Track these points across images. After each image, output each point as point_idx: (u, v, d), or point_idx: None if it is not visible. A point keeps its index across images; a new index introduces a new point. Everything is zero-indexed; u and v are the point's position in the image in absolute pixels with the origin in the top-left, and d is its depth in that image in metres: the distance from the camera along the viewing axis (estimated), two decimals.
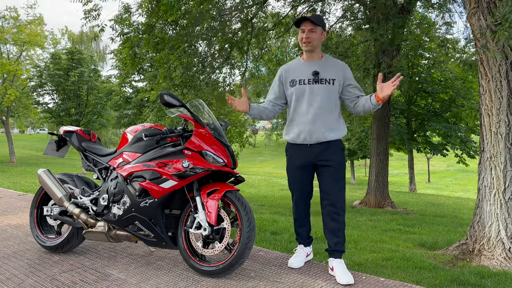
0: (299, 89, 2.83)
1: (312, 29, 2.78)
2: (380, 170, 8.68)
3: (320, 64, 2.85)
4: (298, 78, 2.84)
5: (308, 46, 2.81)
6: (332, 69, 2.83)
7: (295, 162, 2.90)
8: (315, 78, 2.80)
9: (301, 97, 2.82)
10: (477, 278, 3.03)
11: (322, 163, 2.82)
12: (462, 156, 16.93)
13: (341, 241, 2.85)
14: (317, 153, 2.82)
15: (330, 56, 2.96)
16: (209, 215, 2.72)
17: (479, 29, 3.60)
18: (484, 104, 3.70)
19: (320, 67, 2.82)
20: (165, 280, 2.75)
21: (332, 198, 2.81)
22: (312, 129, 2.78)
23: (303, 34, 2.80)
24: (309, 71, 2.82)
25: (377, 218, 6.83)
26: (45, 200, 3.55)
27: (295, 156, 2.89)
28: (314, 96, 2.79)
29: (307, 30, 2.78)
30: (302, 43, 2.82)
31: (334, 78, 2.80)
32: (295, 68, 2.90)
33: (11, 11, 22.76)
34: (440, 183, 31.37)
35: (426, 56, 15.06)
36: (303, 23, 2.80)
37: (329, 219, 2.84)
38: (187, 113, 2.89)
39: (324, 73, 2.80)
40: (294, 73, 2.88)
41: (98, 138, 3.64)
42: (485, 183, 3.67)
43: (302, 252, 3.05)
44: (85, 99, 26.27)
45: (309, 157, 2.84)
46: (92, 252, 3.40)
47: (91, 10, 7.48)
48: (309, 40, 2.79)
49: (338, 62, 2.92)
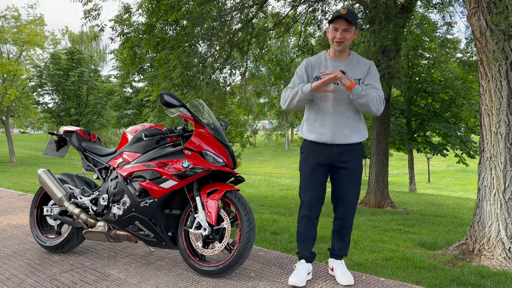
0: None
1: (346, 28, 2.60)
2: (380, 170, 8.68)
3: (347, 63, 2.71)
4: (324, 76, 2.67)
5: (340, 46, 2.65)
6: (359, 68, 2.70)
7: (312, 160, 2.72)
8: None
9: (326, 98, 2.67)
10: (477, 278, 3.03)
11: (340, 164, 2.70)
12: (462, 156, 16.93)
13: (346, 246, 2.85)
14: (336, 154, 2.69)
15: (357, 54, 2.81)
16: (209, 215, 2.72)
17: (479, 29, 3.60)
18: (484, 104, 3.70)
19: (347, 67, 2.68)
20: (165, 280, 2.75)
21: (346, 204, 2.75)
22: (335, 130, 2.66)
23: (336, 33, 2.61)
24: (335, 69, 2.64)
25: (377, 218, 6.83)
26: (45, 200, 3.55)
27: (313, 154, 2.72)
28: (339, 96, 2.65)
29: (341, 30, 2.60)
30: (334, 42, 2.64)
31: (360, 78, 2.68)
32: (322, 64, 2.72)
33: (12, 11, 22.78)
34: (440, 183, 31.35)
35: (426, 56, 15.06)
36: (336, 20, 2.60)
37: (341, 225, 2.79)
38: (187, 113, 2.89)
39: (351, 72, 2.66)
40: (319, 70, 2.70)
41: (98, 138, 3.64)
42: (485, 183, 3.67)
43: (304, 269, 2.73)
44: (85, 99, 26.27)
45: (327, 156, 2.69)
46: (92, 252, 3.40)
47: (91, 10, 7.48)
48: (343, 40, 2.62)
49: (365, 61, 2.77)
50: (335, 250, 2.84)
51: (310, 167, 2.73)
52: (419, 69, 15.65)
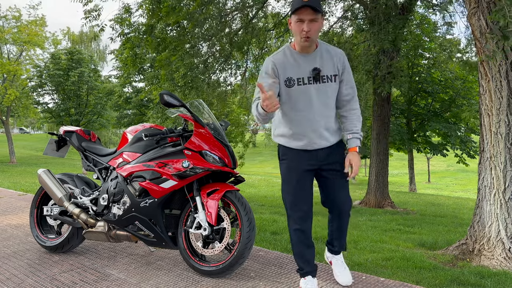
0: (299, 90, 2.36)
1: (313, 18, 2.22)
2: (380, 170, 8.69)
3: (318, 56, 2.37)
4: (295, 76, 2.35)
5: (308, 41, 2.28)
6: (331, 60, 2.39)
7: (298, 167, 2.45)
8: (315, 77, 2.35)
9: (302, 99, 2.37)
10: (477, 278, 3.03)
11: (327, 167, 2.47)
12: (462, 156, 16.94)
13: (344, 243, 2.80)
14: (323, 157, 2.46)
15: (324, 43, 2.47)
16: (209, 215, 2.72)
17: (479, 29, 3.60)
18: (484, 104, 3.70)
19: (319, 61, 2.36)
20: (165, 280, 2.75)
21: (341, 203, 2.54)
22: (316, 136, 2.41)
23: (303, 25, 2.23)
24: (307, 67, 2.35)
25: (377, 218, 6.83)
26: (45, 200, 3.55)
27: (296, 160, 2.46)
28: (317, 98, 2.37)
29: (307, 21, 2.22)
30: (301, 37, 2.27)
31: (336, 73, 2.39)
32: (290, 63, 2.37)
33: (13, 11, 22.79)
34: (440, 183, 31.35)
35: (426, 56, 15.07)
36: (300, 10, 2.21)
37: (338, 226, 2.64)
38: (187, 113, 2.89)
39: (325, 68, 2.37)
40: (289, 69, 2.36)
41: (98, 138, 3.64)
42: (485, 183, 3.67)
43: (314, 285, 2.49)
44: (85, 99, 26.28)
45: (315, 160, 2.45)
46: (92, 252, 3.40)
47: (92, 11, 7.48)
48: (311, 33, 2.25)
49: (335, 50, 2.45)
50: (335, 246, 2.74)
51: (296, 175, 2.46)
52: (419, 69, 15.67)
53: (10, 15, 22.75)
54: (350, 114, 2.48)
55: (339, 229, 2.65)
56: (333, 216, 2.63)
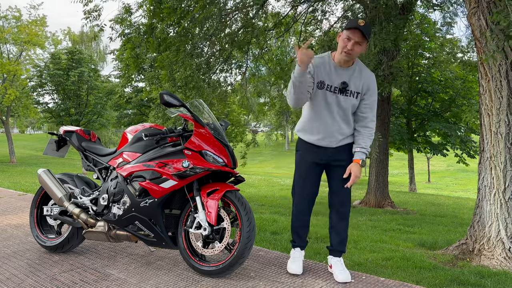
0: (325, 95, 2.73)
1: (359, 42, 2.59)
2: (380, 170, 8.68)
3: (350, 73, 2.73)
4: (327, 82, 2.72)
5: (348, 57, 2.65)
6: (360, 80, 2.74)
7: (309, 159, 2.84)
8: (342, 89, 2.71)
9: (326, 104, 2.74)
10: (477, 278, 3.03)
11: (335, 163, 2.81)
12: (462, 156, 16.93)
13: (344, 241, 2.89)
14: (332, 153, 2.81)
15: (361, 62, 2.81)
16: (209, 215, 2.72)
17: (479, 29, 3.60)
18: (484, 104, 3.70)
19: (349, 77, 2.72)
20: (165, 280, 2.75)
21: (341, 197, 2.83)
22: (329, 137, 2.77)
23: (349, 42, 2.59)
24: (339, 79, 2.71)
25: (377, 218, 6.83)
26: (45, 200, 3.55)
27: (309, 153, 2.84)
28: (338, 106, 2.74)
29: (353, 41, 2.58)
30: (343, 51, 2.62)
31: (360, 92, 2.74)
32: (326, 69, 2.73)
33: (14, 11, 22.79)
34: (440, 183, 31.34)
35: (426, 56, 15.06)
36: (352, 30, 2.57)
37: (337, 218, 2.87)
38: (187, 113, 2.89)
39: (352, 85, 2.72)
40: (324, 74, 2.72)
41: (98, 138, 3.64)
42: (485, 183, 3.67)
43: (299, 257, 2.94)
44: (85, 99, 26.27)
45: (324, 156, 2.81)
46: (92, 252, 3.40)
47: (92, 11, 7.47)
48: (352, 52, 2.61)
49: (367, 73, 2.78)
50: (333, 246, 2.89)
51: (306, 165, 2.86)
52: (419, 69, 15.66)
53: (10, 15, 22.76)
54: (364, 130, 2.80)
55: (336, 225, 2.87)
56: (332, 210, 2.89)
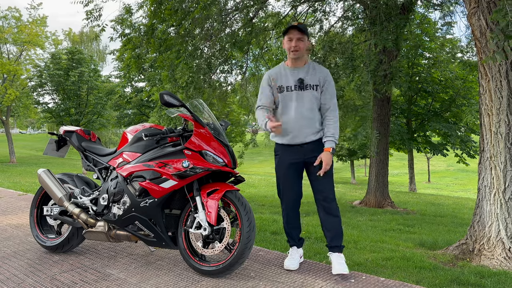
0: (287, 95, 2.94)
1: (300, 37, 2.89)
2: (380, 170, 8.68)
3: (304, 71, 2.97)
4: (285, 84, 2.96)
5: (296, 54, 2.91)
6: (315, 75, 2.96)
7: (285, 160, 2.98)
8: (300, 86, 2.92)
9: (289, 103, 2.94)
10: (477, 278, 3.03)
11: (311, 160, 2.92)
12: (462, 156, 16.93)
13: (337, 235, 2.94)
14: (306, 151, 2.94)
15: (314, 62, 3.07)
16: (209, 215, 2.72)
17: (479, 29, 3.60)
18: (484, 104, 3.70)
19: (304, 74, 2.95)
20: (165, 280, 2.75)
21: (323, 193, 2.93)
22: (299, 133, 2.91)
23: (292, 42, 2.90)
24: (294, 78, 2.94)
25: (377, 218, 6.83)
26: (45, 200, 3.55)
27: (286, 154, 2.98)
28: (300, 101, 2.92)
29: (295, 39, 2.89)
30: (290, 51, 2.91)
31: (318, 84, 2.94)
32: (282, 74, 2.99)
33: (13, 11, 22.77)
34: (440, 183, 31.35)
35: (426, 56, 15.06)
36: (290, 31, 2.90)
37: (324, 214, 2.96)
38: (187, 113, 2.89)
39: (309, 79, 2.94)
40: (280, 80, 2.98)
41: (98, 138, 3.65)
42: (485, 183, 3.67)
43: (296, 254, 3.08)
44: (85, 99, 26.24)
45: (300, 155, 2.95)
46: (92, 252, 3.40)
47: (93, 11, 7.47)
48: (297, 48, 2.89)
49: (321, 69, 3.02)
50: (328, 242, 2.98)
51: (283, 167, 3.01)
52: (419, 68, 15.67)
53: (10, 15, 22.75)
54: (329, 121, 2.96)
55: (325, 220, 2.97)
56: (318, 206, 3.00)
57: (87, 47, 41.01)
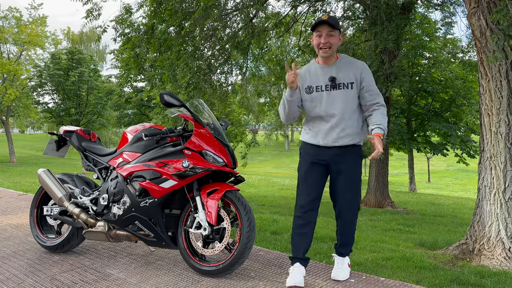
0: (317, 96, 2.67)
1: (330, 32, 2.57)
2: (380, 170, 8.68)
3: (336, 67, 2.67)
4: (314, 84, 2.68)
5: (327, 53, 2.62)
6: (349, 71, 2.66)
7: (308, 159, 2.74)
8: (332, 84, 2.64)
9: (319, 104, 2.66)
10: (477, 277, 3.03)
11: (335, 167, 2.69)
12: (462, 156, 16.92)
13: (349, 245, 2.88)
14: (331, 154, 2.67)
15: (346, 56, 2.77)
16: (209, 215, 2.72)
17: (479, 29, 3.60)
18: (484, 104, 3.70)
19: (336, 71, 2.66)
20: (165, 280, 2.75)
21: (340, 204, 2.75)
22: (327, 133, 2.66)
23: (321, 39, 2.59)
24: (325, 76, 2.66)
25: (377, 218, 6.83)
26: (45, 200, 3.55)
27: (309, 154, 2.74)
28: (331, 102, 2.64)
29: (324, 34, 2.57)
30: (320, 48, 2.62)
31: (353, 81, 2.65)
32: (312, 73, 2.72)
33: (14, 12, 22.77)
34: (440, 183, 31.32)
35: (427, 56, 15.06)
36: (319, 26, 2.59)
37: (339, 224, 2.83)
38: (187, 113, 2.89)
39: (342, 77, 2.65)
40: (310, 79, 2.70)
41: (98, 138, 3.65)
42: (485, 183, 3.67)
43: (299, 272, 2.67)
44: (85, 99, 26.24)
45: (323, 156, 2.69)
46: (92, 252, 3.40)
47: (92, 10, 7.47)
48: (328, 45, 2.59)
49: (356, 62, 2.72)
50: (337, 246, 2.90)
51: (305, 166, 2.75)
52: (419, 68, 15.66)
53: (11, 15, 22.75)
54: (374, 112, 2.65)
55: (341, 226, 2.83)
56: (336, 213, 2.83)
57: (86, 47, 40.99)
